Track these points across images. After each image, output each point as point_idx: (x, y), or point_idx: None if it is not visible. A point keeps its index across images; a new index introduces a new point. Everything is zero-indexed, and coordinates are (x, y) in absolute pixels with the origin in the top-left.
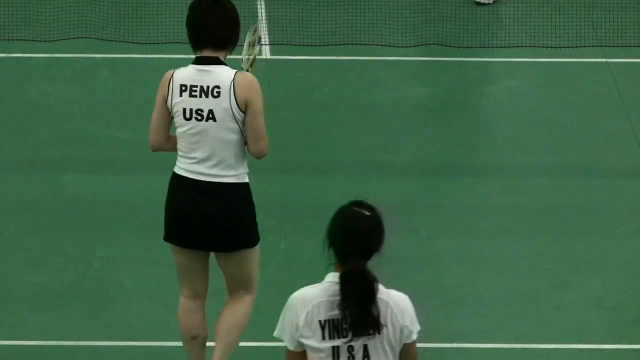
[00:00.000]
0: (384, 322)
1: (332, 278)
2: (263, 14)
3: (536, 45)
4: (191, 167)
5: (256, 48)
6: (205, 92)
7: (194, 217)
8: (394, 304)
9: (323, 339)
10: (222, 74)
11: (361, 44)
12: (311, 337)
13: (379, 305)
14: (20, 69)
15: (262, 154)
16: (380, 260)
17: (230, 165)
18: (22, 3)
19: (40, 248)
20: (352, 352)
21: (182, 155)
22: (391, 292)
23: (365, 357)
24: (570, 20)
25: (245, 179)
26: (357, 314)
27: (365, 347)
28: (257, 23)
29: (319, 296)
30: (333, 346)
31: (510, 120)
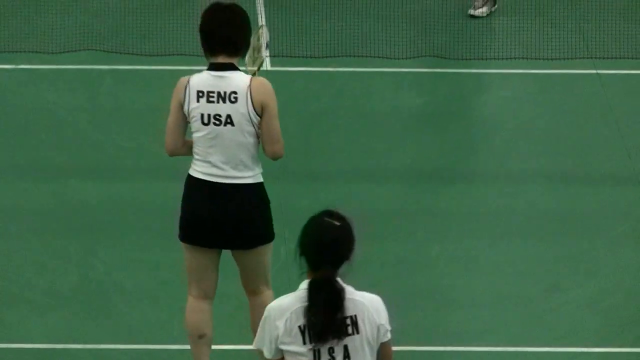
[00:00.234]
0: (361, 322)
1: (305, 285)
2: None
3: (529, 57)
4: (209, 170)
5: (262, 53)
6: (222, 97)
7: (214, 218)
8: (369, 303)
9: (304, 343)
10: (238, 80)
11: (359, 56)
12: (292, 342)
13: (356, 306)
14: (27, 80)
15: (278, 155)
16: (377, 264)
17: (247, 166)
18: (29, 16)
19: (45, 251)
20: (332, 354)
21: (199, 159)
22: (365, 294)
23: (346, 357)
24: (562, 33)
25: (261, 178)
26: (322, 322)
27: (346, 347)
28: (260, 28)
29: (295, 303)
30: (314, 349)
31: (504, 129)
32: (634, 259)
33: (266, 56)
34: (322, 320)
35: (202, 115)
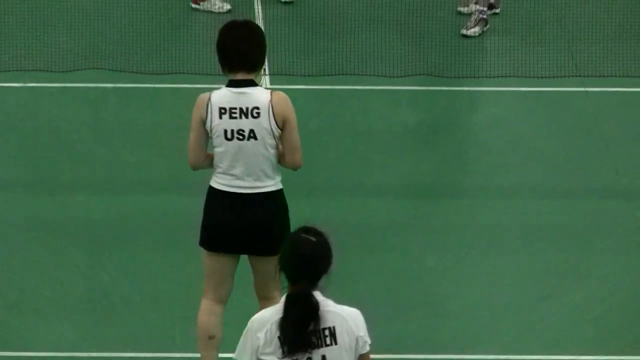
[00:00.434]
0: (339, 333)
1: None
2: None
3: (520, 75)
4: (232, 182)
5: (261, 70)
6: (245, 113)
7: (238, 226)
8: (348, 316)
9: (283, 354)
10: (259, 95)
11: (356, 74)
12: (272, 353)
13: (335, 318)
14: (34, 97)
15: (298, 165)
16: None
17: (269, 176)
18: (36, 35)
19: (53, 264)
20: None
21: (221, 172)
22: (344, 307)
23: None
24: (551, 52)
25: (280, 186)
26: (292, 335)
27: (324, 357)
28: None
29: (276, 315)
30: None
31: (496, 145)
32: (622, 270)
33: (265, 75)
34: (293, 333)
35: (226, 131)
